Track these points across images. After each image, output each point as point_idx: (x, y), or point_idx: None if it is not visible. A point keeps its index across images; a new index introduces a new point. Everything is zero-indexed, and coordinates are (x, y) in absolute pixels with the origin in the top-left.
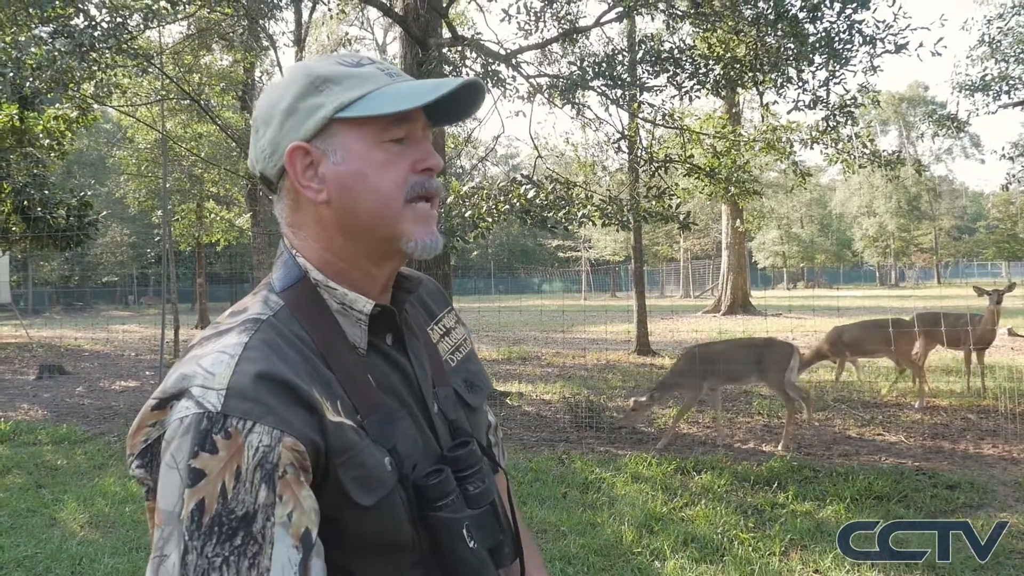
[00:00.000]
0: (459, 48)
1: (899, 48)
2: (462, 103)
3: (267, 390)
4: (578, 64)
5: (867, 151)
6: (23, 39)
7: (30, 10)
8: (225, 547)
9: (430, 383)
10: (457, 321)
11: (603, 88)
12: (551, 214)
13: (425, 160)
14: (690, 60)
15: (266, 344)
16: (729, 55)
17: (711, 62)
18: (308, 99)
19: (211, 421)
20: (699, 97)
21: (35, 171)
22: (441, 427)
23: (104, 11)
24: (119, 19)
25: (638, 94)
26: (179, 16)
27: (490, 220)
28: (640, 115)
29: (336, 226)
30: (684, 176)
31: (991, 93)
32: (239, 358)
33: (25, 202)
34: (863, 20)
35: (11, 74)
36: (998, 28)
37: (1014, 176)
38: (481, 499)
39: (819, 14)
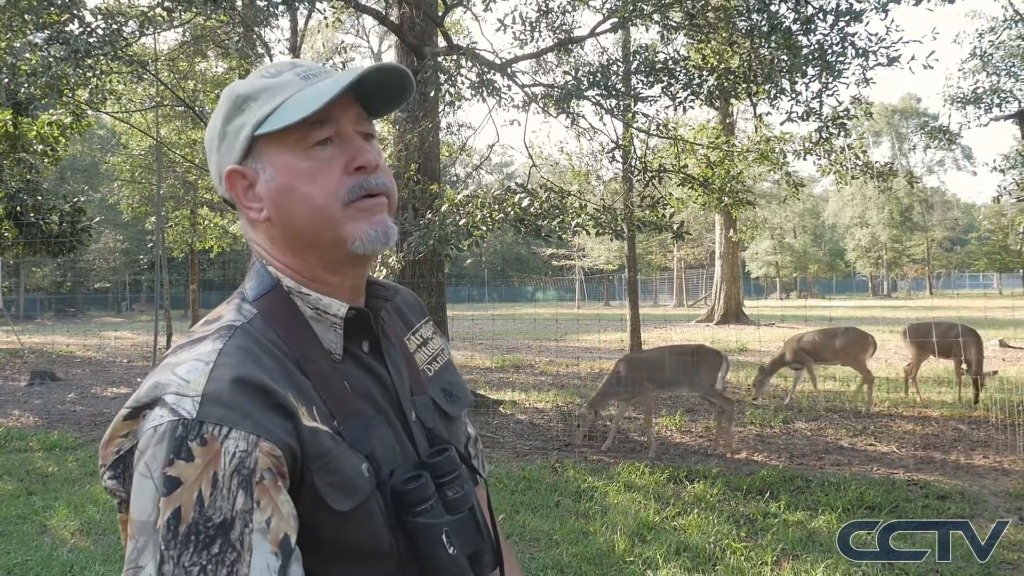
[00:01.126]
0: (454, 57)
1: (891, 61)
2: (393, 88)
3: (243, 395)
4: (573, 74)
5: (860, 162)
6: (18, 45)
7: (25, 16)
8: (203, 556)
9: (408, 391)
10: (434, 332)
11: (598, 98)
12: (545, 223)
13: (356, 158)
14: (684, 71)
15: (241, 350)
16: (723, 66)
17: (705, 73)
18: (233, 121)
19: (186, 428)
20: (693, 107)
21: (28, 177)
22: (419, 435)
23: (99, 17)
24: (114, 26)
25: (632, 104)
26: (175, 23)
27: (484, 228)
28: (634, 125)
29: (283, 241)
30: (678, 186)
31: (983, 106)
32: (214, 364)
33: (18, 208)
34: (856, 33)
35: (6, 80)
36: (990, 42)
37: (1005, 188)
38: (460, 504)
39: (812, 26)
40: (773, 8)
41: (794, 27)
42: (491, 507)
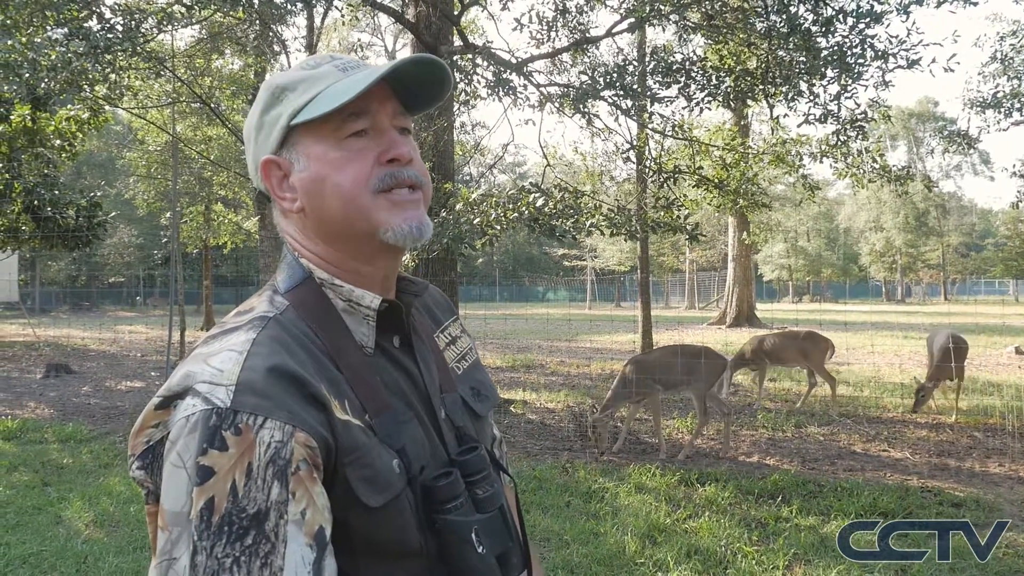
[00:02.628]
0: (470, 56)
1: (911, 64)
2: (431, 85)
3: (278, 384)
4: (589, 74)
5: (876, 166)
6: (38, 40)
7: (46, 12)
8: (236, 547)
9: (438, 388)
10: (463, 330)
11: (613, 98)
12: (559, 222)
13: (389, 151)
14: (701, 72)
15: (275, 340)
16: (740, 68)
17: (722, 74)
18: (270, 111)
19: (220, 417)
20: (709, 109)
21: (46, 171)
22: (448, 433)
23: (119, 14)
24: (133, 22)
25: (648, 105)
26: (193, 20)
27: (498, 228)
28: (649, 126)
29: (316, 231)
30: (693, 187)
31: (1003, 110)
32: (248, 354)
33: (35, 202)
34: (876, 35)
35: (26, 75)
36: (1011, 45)
37: None
38: (490, 503)
39: (832, 28)
40: (792, 9)
41: (813, 28)
42: (519, 507)
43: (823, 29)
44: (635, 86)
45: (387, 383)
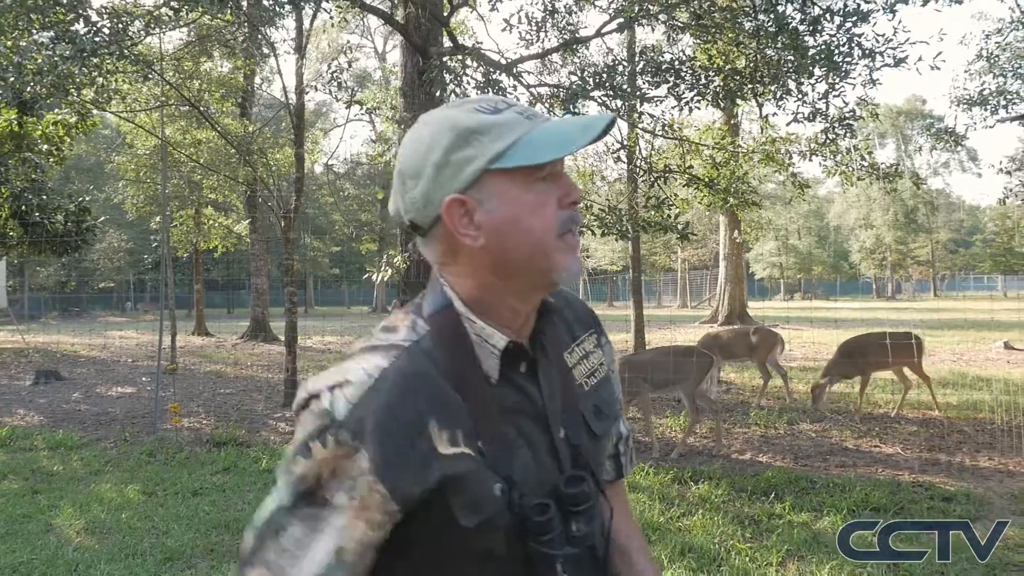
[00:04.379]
0: (460, 57)
1: (898, 62)
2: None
3: (381, 426)
4: (578, 74)
5: (865, 164)
6: (24, 44)
7: (32, 15)
8: (300, 513)
9: (559, 409)
10: (597, 345)
11: (603, 98)
12: None
13: (569, 195)
14: (690, 71)
15: (401, 375)
16: (729, 67)
17: (711, 73)
18: (458, 152)
19: (331, 423)
20: (699, 108)
21: (33, 176)
22: (564, 453)
23: (105, 17)
24: (120, 25)
25: (638, 104)
26: (180, 23)
27: None
28: (639, 125)
29: (490, 267)
30: (683, 186)
31: (989, 107)
32: (375, 382)
33: (23, 207)
34: (863, 34)
35: (12, 79)
36: (996, 43)
37: (1011, 190)
38: (583, 541)
39: (819, 27)
40: (780, 9)
41: (801, 28)
42: (626, 507)
43: (811, 28)
44: (625, 86)
45: (506, 408)
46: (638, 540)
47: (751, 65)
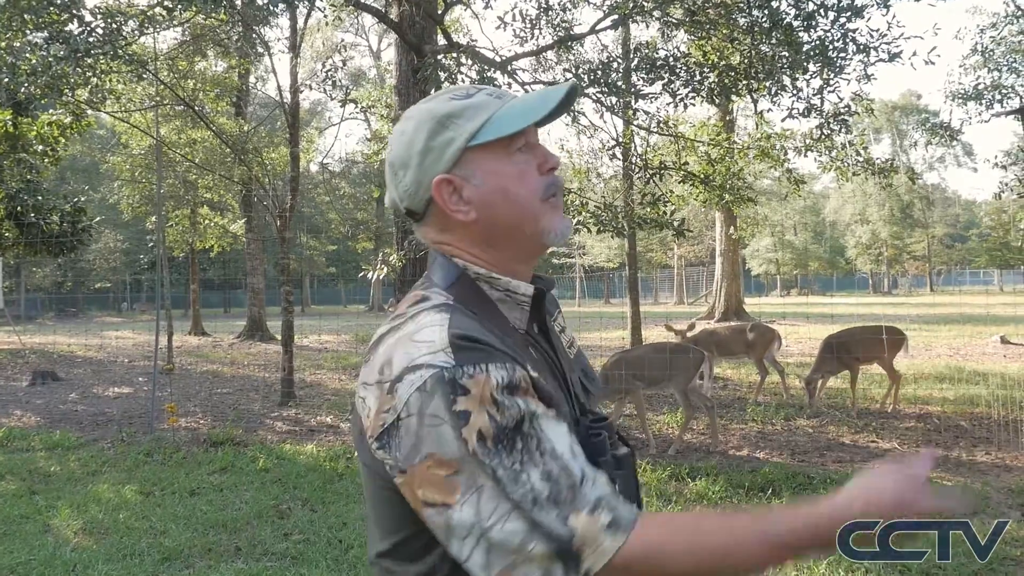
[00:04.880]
0: (454, 55)
1: (893, 57)
2: (563, 104)
3: (482, 345)
4: (573, 71)
5: (860, 159)
6: (18, 44)
7: (25, 16)
8: (514, 454)
9: (568, 367)
10: (565, 321)
11: (598, 95)
12: None
13: (547, 161)
14: (685, 68)
15: (464, 316)
16: (724, 63)
17: (706, 70)
18: (438, 136)
19: (452, 373)
20: (694, 104)
21: (28, 177)
22: (576, 407)
23: (99, 17)
24: (114, 25)
25: (633, 101)
26: (174, 22)
27: None
28: (635, 122)
29: (485, 238)
30: (679, 183)
31: (984, 102)
32: (449, 324)
33: (18, 208)
34: (857, 29)
35: (6, 79)
36: (991, 37)
37: (1007, 184)
38: (625, 463)
39: (813, 23)
40: (774, 4)
41: (795, 23)
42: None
43: (805, 24)
44: (620, 83)
45: (535, 359)
46: None
47: (746, 61)
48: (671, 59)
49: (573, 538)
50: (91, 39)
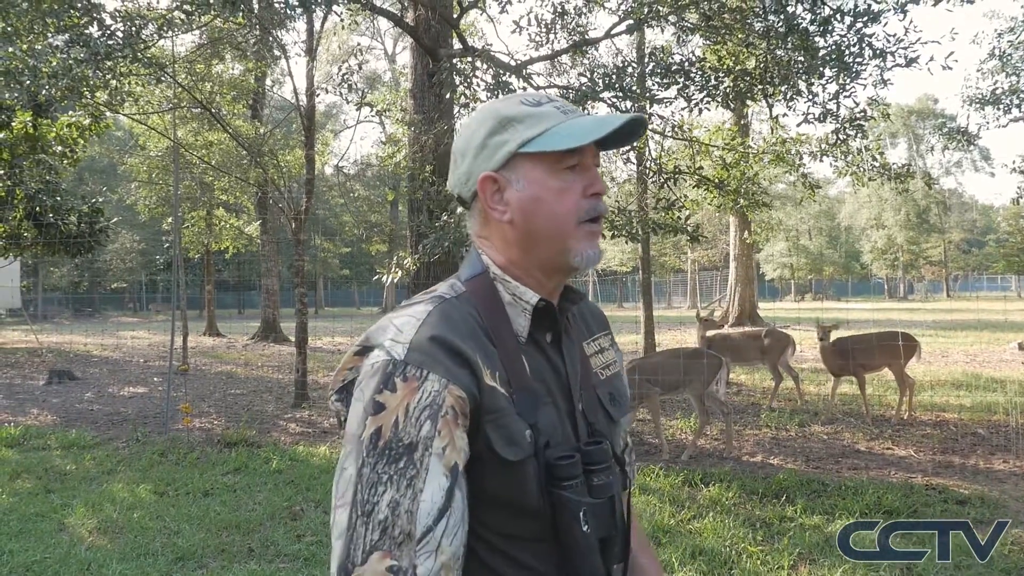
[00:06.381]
0: (469, 59)
1: (910, 62)
2: (625, 133)
3: (439, 349)
4: (588, 75)
5: (876, 164)
6: (39, 47)
7: (47, 19)
8: (391, 467)
9: (579, 383)
10: (611, 344)
11: (613, 99)
12: None
13: (593, 186)
14: (700, 72)
15: (445, 315)
16: (739, 68)
17: (721, 74)
18: (496, 136)
19: (395, 367)
20: (708, 109)
21: (47, 178)
22: (582, 424)
23: (119, 20)
24: (134, 28)
25: (648, 106)
26: (193, 26)
27: None
28: (649, 127)
29: (516, 241)
30: (693, 188)
31: (1002, 107)
32: (422, 322)
33: (37, 208)
34: (873, 34)
35: (27, 82)
36: (1009, 42)
37: None
38: (602, 491)
39: (830, 28)
40: (790, 9)
41: (811, 28)
42: (630, 514)
43: (821, 29)
44: (634, 87)
45: (533, 369)
46: (648, 556)
47: (761, 66)
48: (686, 64)
49: (353, 572)
50: (111, 42)
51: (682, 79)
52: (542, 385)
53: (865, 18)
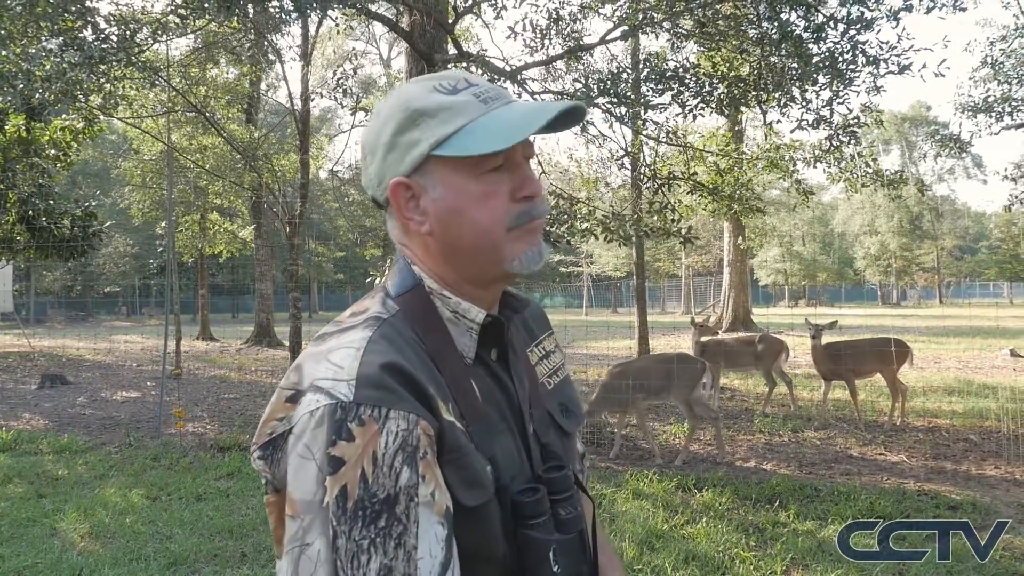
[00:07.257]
0: (465, 64)
1: (902, 69)
2: (566, 123)
3: (394, 380)
4: (583, 81)
5: (870, 170)
6: (33, 51)
7: (40, 23)
8: (371, 529)
9: (528, 403)
10: (556, 346)
11: (607, 105)
12: (554, 228)
13: (524, 188)
14: (694, 79)
15: (388, 339)
16: (733, 74)
17: (715, 81)
18: (405, 134)
19: (344, 410)
20: (703, 115)
21: (40, 181)
22: (535, 448)
23: (113, 24)
24: (128, 32)
25: (642, 111)
26: (188, 30)
27: None
28: (644, 132)
29: (440, 253)
30: (687, 193)
31: (994, 114)
32: (365, 350)
33: (30, 212)
34: (866, 41)
35: (21, 85)
36: (1001, 50)
37: (1017, 197)
38: (571, 525)
39: (823, 35)
40: (783, 16)
41: (805, 35)
42: (596, 523)
43: (814, 36)
44: (629, 93)
45: (483, 392)
46: (607, 554)
47: (755, 72)
48: (680, 70)
49: None
50: (105, 46)
51: (676, 85)
52: (495, 410)
53: (858, 25)
